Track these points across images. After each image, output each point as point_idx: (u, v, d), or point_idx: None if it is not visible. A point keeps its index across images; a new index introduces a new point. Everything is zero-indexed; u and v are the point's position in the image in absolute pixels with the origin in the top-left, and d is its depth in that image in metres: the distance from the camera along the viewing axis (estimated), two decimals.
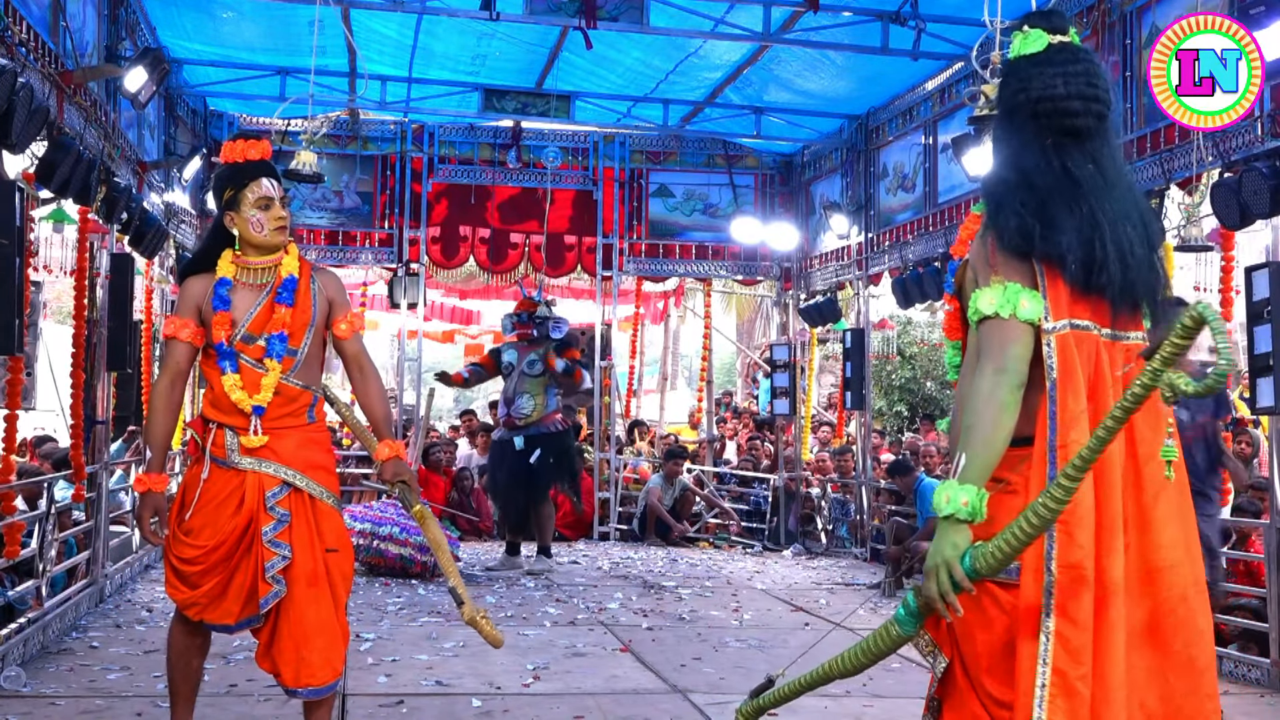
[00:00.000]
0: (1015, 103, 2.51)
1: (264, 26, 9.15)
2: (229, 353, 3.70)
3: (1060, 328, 2.38)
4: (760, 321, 22.38)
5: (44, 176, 5.91)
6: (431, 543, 3.99)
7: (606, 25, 8.25)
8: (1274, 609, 5.72)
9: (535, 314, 9.34)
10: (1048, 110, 2.47)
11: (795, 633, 6.90)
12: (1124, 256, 2.40)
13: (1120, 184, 2.48)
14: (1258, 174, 5.71)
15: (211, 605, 3.67)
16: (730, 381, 22.88)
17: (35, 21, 5.78)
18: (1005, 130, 2.54)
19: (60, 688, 5.05)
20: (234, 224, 3.77)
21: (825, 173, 11.68)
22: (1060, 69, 2.48)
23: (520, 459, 9.05)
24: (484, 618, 3.83)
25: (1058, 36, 2.53)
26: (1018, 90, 2.51)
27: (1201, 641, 2.38)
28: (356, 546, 8.13)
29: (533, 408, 9.11)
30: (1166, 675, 2.35)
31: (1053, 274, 2.40)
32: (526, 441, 9.07)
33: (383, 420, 3.90)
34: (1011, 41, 2.59)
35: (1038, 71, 2.49)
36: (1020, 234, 2.39)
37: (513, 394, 9.17)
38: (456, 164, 11.84)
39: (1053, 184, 2.43)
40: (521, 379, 9.16)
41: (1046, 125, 2.47)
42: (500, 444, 9.30)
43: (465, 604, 3.80)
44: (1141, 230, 2.45)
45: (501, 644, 4.01)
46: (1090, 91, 2.47)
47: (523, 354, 9.25)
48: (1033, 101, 2.48)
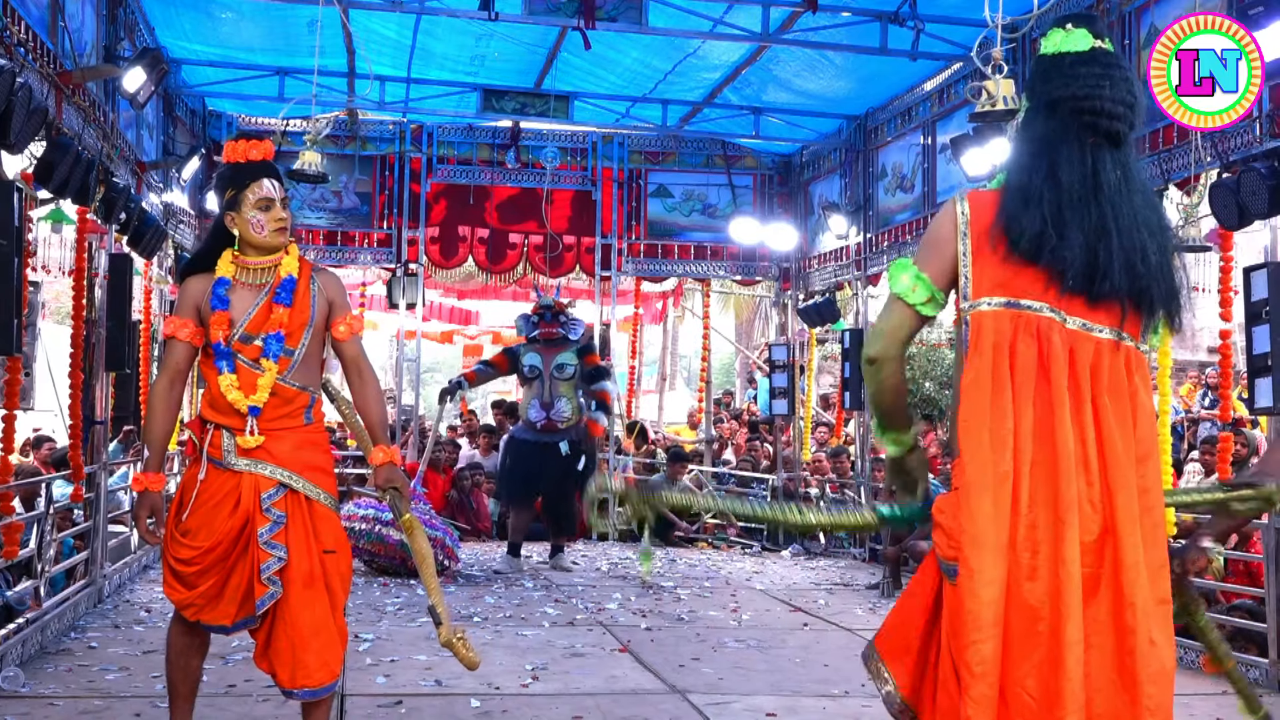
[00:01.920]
0: (1059, 96, 2.51)
1: (263, 27, 9.15)
2: (226, 352, 3.69)
3: (979, 305, 2.45)
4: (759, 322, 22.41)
5: (42, 176, 5.90)
6: (416, 555, 3.86)
7: (605, 25, 8.24)
8: (1273, 609, 5.72)
9: (561, 313, 9.29)
10: (1094, 109, 2.47)
11: (794, 633, 6.90)
12: (1133, 264, 2.41)
13: (1143, 193, 2.50)
14: (1256, 174, 5.71)
15: (208, 606, 3.67)
16: (729, 382, 22.89)
17: (34, 21, 5.78)
18: (1042, 121, 2.53)
19: (59, 688, 5.04)
20: (234, 224, 3.76)
21: (824, 173, 11.69)
22: (1106, 71, 2.50)
23: (566, 463, 9.01)
24: (460, 639, 3.76)
25: (1099, 41, 2.55)
26: (1062, 85, 2.50)
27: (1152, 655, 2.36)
28: (359, 532, 8.11)
29: (571, 410, 9.09)
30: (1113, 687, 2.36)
31: (994, 250, 2.46)
32: (570, 446, 9.05)
33: (378, 424, 3.88)
34: (1048, 37, 2.59)
35: (1085, 70, 2.50)
36: (1036, 241, 2.41)
37: (550, 398, 9.04)
38: (455, 164, 11.83)
39: (1076, 184, 2.44)
40: (554, 383, 9.08)
41: (1089, 124, 2.48)
42: (533, 445, 9.13)
43: (443, 625, 3.73)
44: (1159, 238, 2.46)
45: (477, 667, 3.91)
46: (1130, 99, 2.50)
47: (548, 357, 9.15)
48: (1079, 99, 2.48)
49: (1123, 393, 2.42)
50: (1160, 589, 2.38)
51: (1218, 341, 6.85)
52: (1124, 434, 2.39)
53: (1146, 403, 2.46)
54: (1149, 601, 2.34)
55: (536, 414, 9.11)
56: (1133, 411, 2.42)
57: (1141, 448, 2.42)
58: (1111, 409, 2.39)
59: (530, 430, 9.21)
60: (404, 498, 3.81)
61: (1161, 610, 2.37)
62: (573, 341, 9.27)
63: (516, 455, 9.34)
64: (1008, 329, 2.42)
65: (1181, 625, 2.56)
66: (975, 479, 2.35)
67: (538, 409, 9.11)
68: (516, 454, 9.35)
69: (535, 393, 9.16)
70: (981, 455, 2.36)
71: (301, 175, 9.03)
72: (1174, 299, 2.48)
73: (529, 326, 9.38)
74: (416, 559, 3.86)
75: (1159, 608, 2.36)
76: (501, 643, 6.27)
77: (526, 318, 9.49)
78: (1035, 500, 2.35)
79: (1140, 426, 2.42)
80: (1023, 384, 2.39)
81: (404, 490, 3.83)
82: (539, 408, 9.10)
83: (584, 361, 9.25)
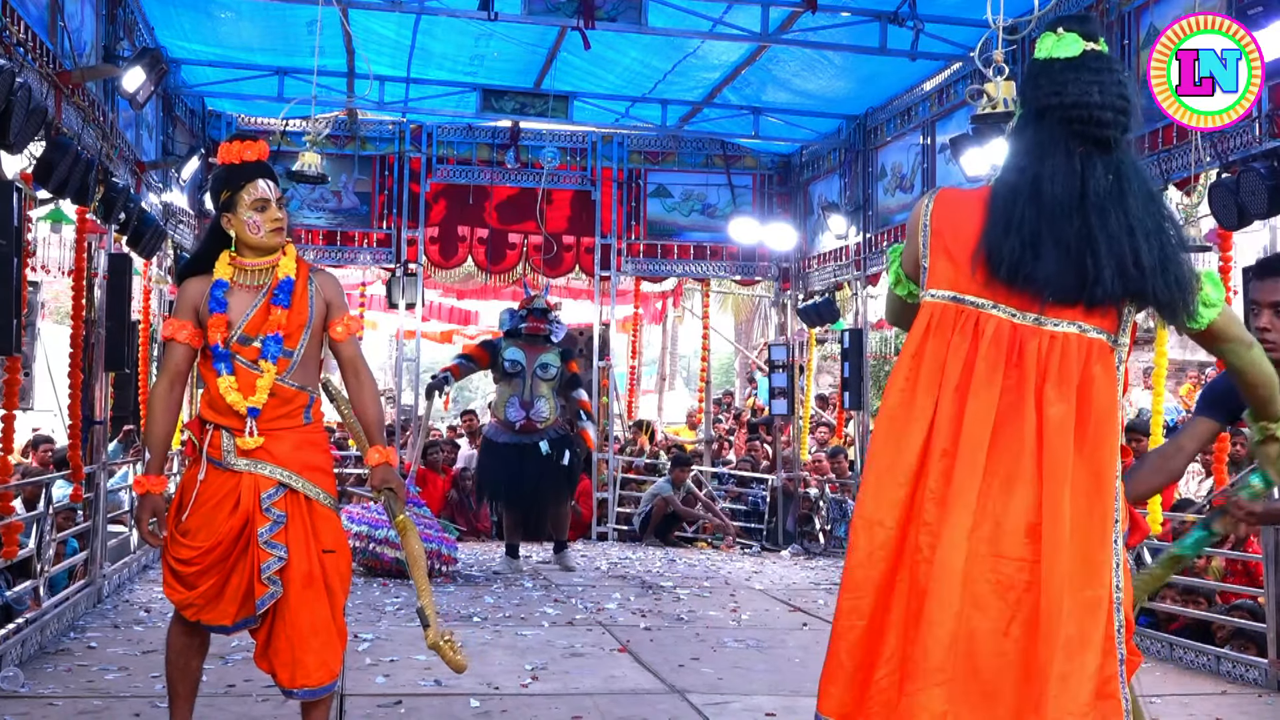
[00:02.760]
0: (1047, 104, 2.48)
1: (262, 27, 9.15)
2: (224, 354, 3.69)
3: (931, 296, 2.49)
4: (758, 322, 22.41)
5: (42, 176, 5.90)
6: (409, 556, 3.84)
7: (605, 25, 8.24)
8: (1271, 609, 5.72)
9: (548, 311, 9.27)
10: (1081, 118, 2.45)
11: (793, 633, 6.90)
12: (1125, 269, 2.39)
13: (1141, 194, 2.46)
14: (1255, 174, 5.71)
15: (208, 606, 3.67)
16: (729, 381, 22.89)
17: (33, 21, 5.78)
18: (1032, 130, 2.51)
19: (58, 688, 5.04)
20: (231, 226, 3.75)
21: (823, 173, 11.68)
22: (1095, 77, 2.47)
23: (547, 462, 8.96)
24: (448, 641, 3.72)
25: (1090, 44, 2.51)
26: (1051, 93, 2.47)
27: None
28: (353, 549, 8.11)
29: (549, 410, 9.03)
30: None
31: (948, 250, 2.48)
32: (551, 444, 9.00)
33: (375, 425, 3.88)
34: (1040, 40, 2.56)
35: (1073, 76, 2.47)
36: (1014, 269, 2.41)
37: (530, 398, 8.95)
38: (455, 164, 11.83)
39: (1061, 196, 2.42)
40: (536, 382, 9.00)
41: (1078, 132, 2.45)
42: (511, 447, 9.00)
43: (430, 627, 3.70)
44: (1157, 237, 2.43)
45: (464, 670, 3.86)
46: (1121, 103, 2.47)
47: (531, 355, 9.07)
48: (1066, 107, 2.45)
49: (1071, 382, 2.41)
50: (1090, 582, 2.35)
51: None
52: (1066, 425, 2.38)
53: (1102, 392, 2.42)
54: (1063, 597, 2.31)
55: (515, 413, 8.96)
56: (1083, 401, 2.41)
57: (1093, 436, 2.40)
58: (1055, 399, 2.39)
59: (507, 431, 9.03)
60: (399, 499, 3.81)
61: (1081, 608, 2.32)
62: (554, 344, 9.21)
63: (495, 459, 9.12)
64: (950, 320, 2.47)
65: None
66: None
67: (517, 408, 8.96)
68: (495, 457, 9.12)
69: (514, 390, 9.01)
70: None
71: (302, 176, 9.04)
72: (1182, 292, 2.44)
73: (514, 319, 9.28)
74: (409, 560, 3.85)
75: (1077, 606, 2.32)
76: (501, 643, 6.28)
77: (513, 312, 9.40)
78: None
79: (1093, 415, 2.40)
80: (949, 374, 2.44)
81: (399, 491, 3.83)
82: (518, 406, 8.96)
83: (565, 366, 9.20)
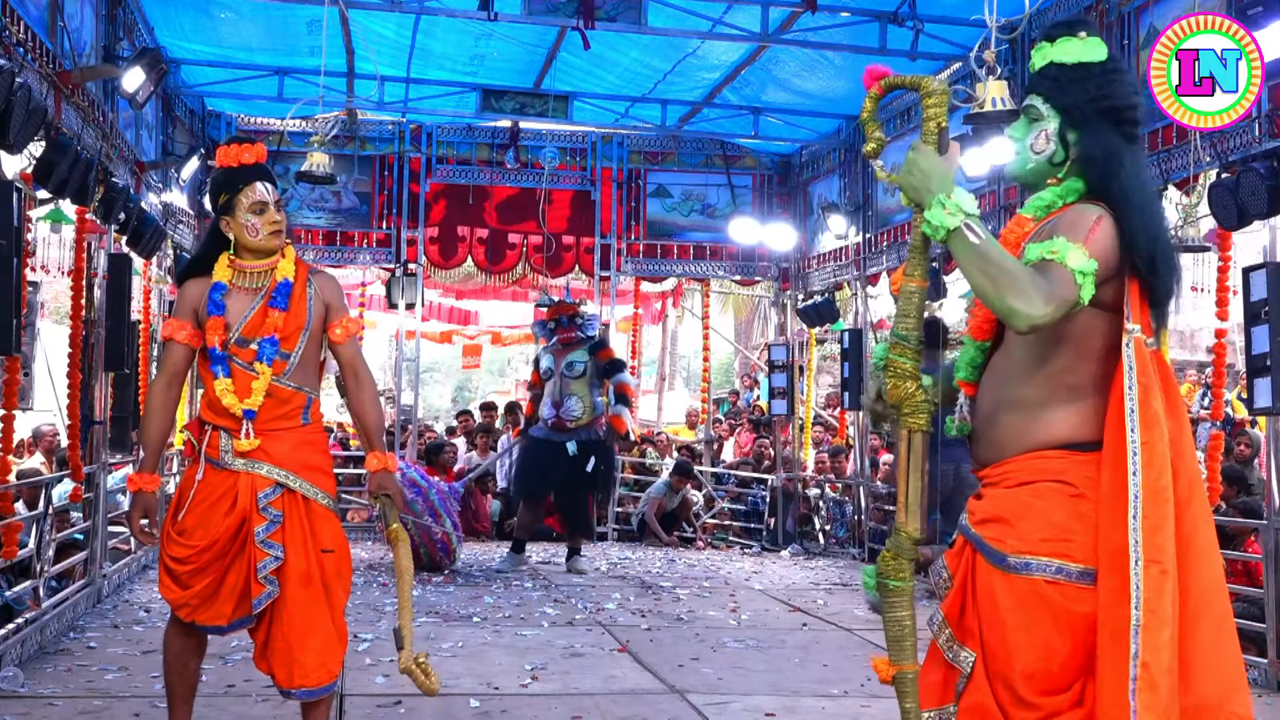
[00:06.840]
0: (1100, 109, 2.46)
1: (262, 27, 9.15)
2: (221, 357, 3.70)
3: (1136, 331, 2.36)
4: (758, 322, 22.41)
5: (41, 177, 5.90)
6: (398, 569, 3.79)
7: (604, 25, 8.24)
8: (1271, 609, 5.72)
9: (577, 316, 9.39)
10: (1130, 119, 2.45)
11: (793, 633, 6.90)
12: (1175, 268, 2.43)
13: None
14: (1255, 174, 5.71)
15: (202, 606, 3.67)
16: (728, 382, 22.88)
17: (33, 21, 5.78)
18: (1101, 136, 2.45)
19: (58, 688, 5.04)
20: (229, 228, 3.76)
21: (823, 173, 11.68)
22: (1128, 77, 2.49)
23: (574, 464, 9.09)
24: (420, 665, 3.66)
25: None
26: (1100, 97, 2.45)
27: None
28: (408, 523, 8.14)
29: (582, 409, 9.16)
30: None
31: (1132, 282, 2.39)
32: (580, 448, 9.11)
33: (374, 430, 3.87)
34: (1062, 45, 2.51)
35: (1117, 79, 2.47)
36: (1167, 292, 2.40)
37: (560, 396, 9.17)
38: (454, 164, 11.82)
39: (1157, 201, 2.45)
40: (564, 381, 9.19)
41: (1129, 134, 2.45)
42: (543, 443, 9.25)
43: (404, 650, 3.65)
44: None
45: (436, 693, 3.80)
46: (1139, 100, 2.50)
47: (559, 356, 9.28)
48: (1118, 110, 2.45)
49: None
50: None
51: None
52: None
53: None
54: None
55: (548, 412, 9.26)
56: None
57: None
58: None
59: (543, 428, 9.34)
60: (394, 506, 3.79)
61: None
62: (587, 338, 9.36)
63: (529, 453, 9.48)
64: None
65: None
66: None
67: (549, 407, 9.26)
68: (530, 451, 9.48)
69: (549, 391, 9.31)
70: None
71: (309, 177, 9.07)
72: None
73: (546, 333, 9.52)
74: (397, 573, 3.78)
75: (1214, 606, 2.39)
76: (501, 643, 6.28)
77: (543, 324, 9.59)
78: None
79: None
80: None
81: (396, 498, 3.82)
82: (550, 406, 9.25)
83: (597, 357, 9.31)
